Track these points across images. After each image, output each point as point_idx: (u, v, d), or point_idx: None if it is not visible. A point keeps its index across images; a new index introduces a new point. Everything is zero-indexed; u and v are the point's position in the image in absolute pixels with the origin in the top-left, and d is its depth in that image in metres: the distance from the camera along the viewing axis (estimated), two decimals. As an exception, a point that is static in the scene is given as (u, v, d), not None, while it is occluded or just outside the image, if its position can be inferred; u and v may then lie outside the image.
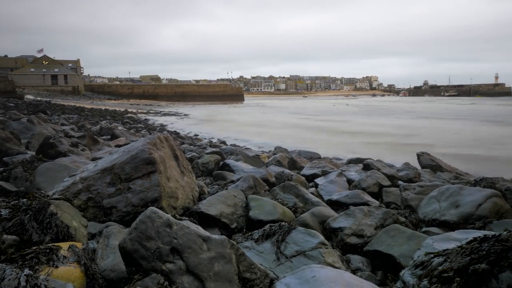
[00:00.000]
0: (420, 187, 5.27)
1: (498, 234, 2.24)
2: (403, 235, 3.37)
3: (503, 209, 4.04)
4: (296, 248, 3.08)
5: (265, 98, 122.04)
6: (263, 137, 19.77)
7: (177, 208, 3.96)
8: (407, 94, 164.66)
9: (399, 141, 18.07)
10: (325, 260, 2.94)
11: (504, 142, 18.03)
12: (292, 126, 27.66)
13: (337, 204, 5.13)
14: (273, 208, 4.10)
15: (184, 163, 4.75)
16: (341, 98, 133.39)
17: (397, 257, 3.19)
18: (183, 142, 14.62)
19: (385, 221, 3.87)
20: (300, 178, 6.50)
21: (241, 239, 3.48)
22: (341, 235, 3.78)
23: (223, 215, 4.01)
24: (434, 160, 9.37)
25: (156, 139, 4.34)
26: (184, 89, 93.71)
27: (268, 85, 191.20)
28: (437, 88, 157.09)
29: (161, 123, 27.37)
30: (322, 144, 16.75)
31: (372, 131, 23.42)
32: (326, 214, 4.23)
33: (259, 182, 5.22)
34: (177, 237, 2.38)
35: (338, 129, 25.08)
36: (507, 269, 1.95)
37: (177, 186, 4.16)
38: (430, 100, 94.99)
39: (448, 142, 17.66)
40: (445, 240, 2.76)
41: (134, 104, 61.85)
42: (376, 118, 35.78)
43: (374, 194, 5.83)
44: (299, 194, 4.96)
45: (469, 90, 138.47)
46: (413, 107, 59.70)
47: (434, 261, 2.35)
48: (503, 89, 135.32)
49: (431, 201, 4.46)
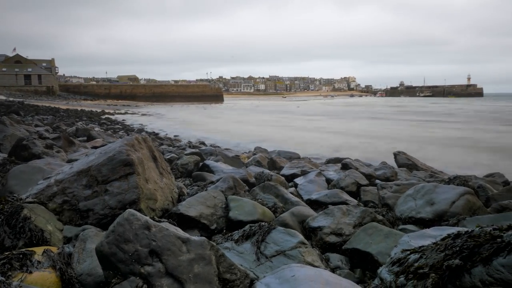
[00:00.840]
0: (396, 185, 5.38)
1: (470, 230, 2.31)
2: (380, 233, 3.44)
3: (476, 206, 4.17)
4: (276, 248, 3.10)
5: (245, 99, 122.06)
6: (243, 138, 19.76)
7: (156, 210, 3.91)
8: (384, 95, 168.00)
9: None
10: (304, 259, 2.96)
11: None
12: (272, 126, 27.76)
13: (316, 204, 5.18)
14: (253, 209, 4.10)
15: (163, 164, 4.70)
16: (320, 98, 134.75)
17: (375, 254, 3.25)
18: (162, 143, 14.45)
19: (363, 219, 3.93)
20: (279, 178, 6.53)
21: (221, 240, 3.46)
22: (320, 234, 3.82)
23: (203, 216, 3.98)
24: (410, 159, 9.59)
25: (134, 140, 4.28)
26: (162, 89, 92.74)
27: (247, 86, 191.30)
28: (413, 89, 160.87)
29: (140, 124, 27.00)
30: (304, 143, 16.88)
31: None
32: (306, 213, 4.27)
33: (238, 183, 5.21)
34: (156, 239, 2.35)
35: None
36: (479, 264, 2.01)
37: (156, 187, 4.12)
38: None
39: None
40: (421, 237, 2.82)
41: (112, 105, 60.78)
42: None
43: (353, 193, 5.92)
44: (278, 194, 4.98)
45: (443, 91, 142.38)
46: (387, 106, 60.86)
47: (410, 257, 2.40)
48: (475, 89, 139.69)
49: (407, 199, 4.57)
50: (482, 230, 2.25)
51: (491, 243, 2.06)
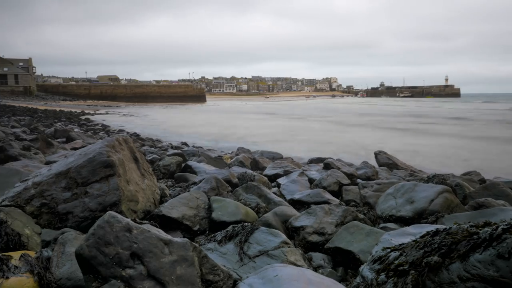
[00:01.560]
0: (377, 184, 5.46)
1: (448, 228, 2.36)
2: (362, 232, 3.48)
3: (453, 204, 4.27)
4: (259, 248, 3.10)
5: (227, 99, 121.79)
6: (226, 138, 19.71)
7: (137, 212, 3.87)
8: (365, 95, 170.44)
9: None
10: (287, 259, 2.98)
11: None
12: (255, 126, 27.79)
13: (299, 203, 5.21)
14: (236, 209, 4.10)
15: (144, 165, 4.65)
16: (302, 98, 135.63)
17: (357, 253, 3.29)
18: (144, 144, 14.28)
19: (345, 218, 3.98)
20: (262, 178, 6.55)
21: (204, 241, 3.45)
22: (303, 234, 3.84)
23: (185, 218, 3.96)
24: (391, 158, 9.76)
25: (115, 141, 4.22)
26: (144, 89, 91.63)
27: (230, 86, 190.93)
28: (393, 89, 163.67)
29: (121, 125, 26.61)
30: (287, 143, 16.96)
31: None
32: (288, 213, 4.29)
33: (221, 183, 5.20)
34: (138, 242, 2.33)
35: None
36: (457, 260, 2.06)
37: (138, 189, 4.07)
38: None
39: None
40: (401, 235, 2.87)
41: (92, 105, 59.76)
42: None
43: (335, 193, 5.97)
44: (261, 194, 4.99)
45: (422, 91, 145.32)
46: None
47: (391, 255, 2.44)
48: (453, 90, 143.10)
49: (388, 198, 4.64)
50: (459, 227, 2.30)
51: (468, 239, 2.12)
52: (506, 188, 5.28)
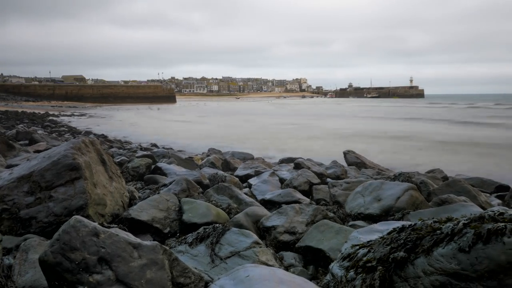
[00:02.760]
0: (346, 183, 5.58)
1: (413, 224, 2.44)
2: (331, 230, 3.55)
3: (418, 201, 4.43)
4: (231, 249, 3.10)
5: (198, 100, 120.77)
6: (197, 139, 19.53)
7: (105, 216, 3.77)
8: (334, 96, 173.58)
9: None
10: (259, 259, 2.99)
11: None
12: (226, 127, 27.71)
13: (270, 203, 5.24)
14: (207, 210, 4.08)
15: (112, 167, 4.54)
16: (273, 99, 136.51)
17: (327, 251, 3.35)
18: (112, 145, 13.94)
19: (315, 217, 4.03)
20: (233, 179, 6.54)
21: (174, 243, 3.41)
22: (274, 233, 3.87)
23: (155, 220, 3.90)
24: (359, 157, 9.98)
25: (81, 143, 4.10)
26: (112, 90, 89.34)
27: (200, 87, 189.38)
28: (361, 90, 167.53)
29: (87, 126, 25.84)
30: (258, 143, 17.00)
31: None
32: (260, 213, 4.31)
33: (192, 185, 5.15)
34: (105, 246, 2.27)
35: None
36: (422, 255, 2.14)
37: (105, 192, 3.97)
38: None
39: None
40: (369, 232, 2.95)
41: (56, 106, 57.76)
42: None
43: (305, 192, 6.05)
44: (233, 195, 4.99)
45: (388, 92, 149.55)
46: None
47: (359, 252, 2.50)
48: (417, 91, 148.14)
49: (357, 196, 4.75)
50: (423, 223, 2.39)
51: (432, 235, 2.20)
52: (466, 184, 5.52)
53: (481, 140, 18.52)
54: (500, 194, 7.03)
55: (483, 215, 2.21)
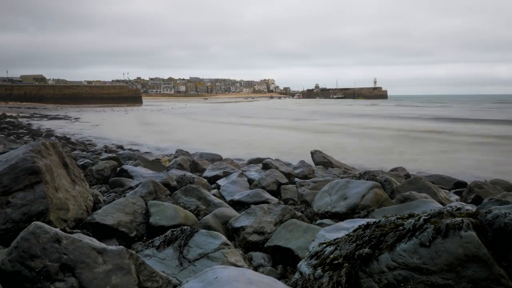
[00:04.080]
0: (313, 182, 5.67)
1: (378, 221, 2.52)
2: (299, 229, 3.59)
3: (382, 198, 4.56)
4: (199, 251, 3.07)
5: (165, 101, 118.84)
6: (164, 140, 19.22)
7: (68, 221, 3.64)
8: (301, 97, 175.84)
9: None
10: (228, 260, 2.98)
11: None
12: (194, 128, 27.45)
13: (239, 204, 5.24)
14: (174, 213, 4.02)
15: (75, 171, 4.39)
16: (241, 100, 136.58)
17: (295, 250, 3.39)
18: (75, 148, 13.49)
19: (284, 217, 4.07)
20: (202, 181, 6.50)
21: (141, 247, 3.34)
22: (243, 234, 3.87)
23: (121, 224, 3.81)
24: (326, 157, 10.17)
25: (41, 145, 3.93)
26: (74, 90, 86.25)
27: (167, 87, 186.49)
28: (327, 91, 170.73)
29: (48, 128, 24.82)
30: (227, 144, 16.95)
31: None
32: (228, 214, 4.30)
33: (159, 187, 5.07)
34: (68, 252, 2.19)
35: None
36: (385, 251, 2.21)
37: (68, 196, 3.83)
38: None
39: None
40: (336, 230, 3.01)
41: (14, 107, 55.13)
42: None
43: (274, 192, 6.10)
44: (201, 196, 4.95)
45: (353, 93, 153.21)
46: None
47: (326, 250, 2.55)
48: (381, 92, 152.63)
49: (323, 195, 4.84)
50: (387, 220, 2.47)
51: (395, 231, 2.28)
52: (427, 182, 5.76)
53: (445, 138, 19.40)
54: (458, 190, 7.38)
55: (442, 211, 2.31)
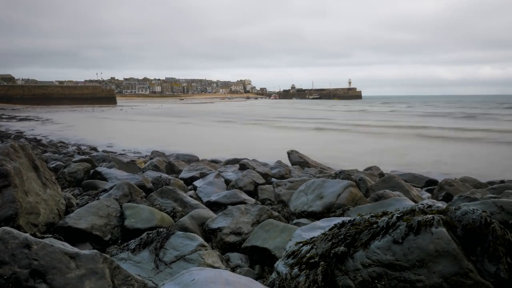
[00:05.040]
0: (290, 182, 5.72)
1: (353, 219, 2.56)
2: (276, 229, 3.61)
3: (357, 197, 4.65)
4: (176, 253, 3.04)
5: (140, 101, 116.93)
6: (139, 142, 18.91)
7: (38, 225, 3.53)
8: (277, 97, 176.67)
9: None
10: (205, 262, 2.97)
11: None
12: (169, 129, 27.13)
13: (216, 205, 5.22)
14: (150, 215, 3.97)
15: (46, 173, 4.26)
16: (217, 100, 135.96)
17: (272, 249, 3.40)
18: (46, 150, 13.09)
19: (261, 217, 4.09)
20: (178, 182, 6.44)
21: (116, 251, 3.28)
22: (220, 235, 3.86)
23: (95, 228, 3.72)
24: (302, 157, 10.26)
25: (10, 148, 3.80)
26: (45, 90, 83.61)
27: (142, 88, 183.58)
28: (303, 92, 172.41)
29: (17, 130, 23.99)
30: (204, 145, 16.83)
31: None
32: (205, 215, 4.27)
33: (134, 189, 4.99)
34: (38, 258, 2.12)
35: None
36: (360, 249, 2.25)
37: (38, 200, 3.71)
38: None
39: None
40: (312, 229, 3.04)
41: (-20, 109, 52.97)
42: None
43: (251, 192, 6.11)
44: (177, 198, 4.90)
45: (329, 94, 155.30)
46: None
47: (303, 249, 2.57)
48: (355, 92, 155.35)
49: (300, 194, 4.88)
50: (362, 218, 2.51)
51: (369, 229, 2.32)
52: (400, 180, 5.91)
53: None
54: (429, 188, 7.60)
55: (414, 208, 2.37)
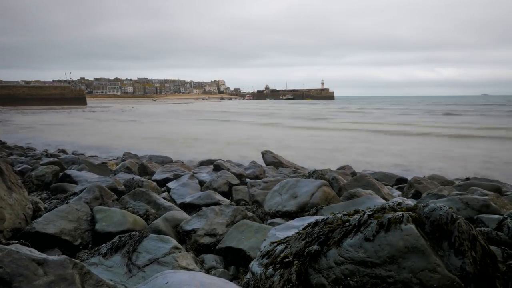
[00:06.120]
0: (264, 182, 5.74)
1: (326, 218, 2.60)
2: (251, 229, 3.62)
3: (330, 196, 4.72)
4: (149, 257, 2.99)
5: (112, 102, 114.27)
6: (111, 143, 18.48)
7: (4, 231, 3.40)
8: (251, 98, 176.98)
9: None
10: (178, 264, 2.94)
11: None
12: (143, 130, 26.67)
13: (190, 207, 5.18)
14: (122, 218, 3.89)
15: (11, 177, 4.09)
16: (191, 101, 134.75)
17: (247, 250, 3.41)
18: (11, 153, 12.57)
19: (235, 217, 4.08)
20: (151, 184, 6.34)
21: (86, 256, 3.19)
22: (195, 237, 3.83)
23: (64, 232, 3.61)
24: (276, 157, 10.33)
25: (-29, 151, 3.63)
26: (10, 91, 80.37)
27: (114, 88, 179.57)
28: (277, 92, 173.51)
29: (-20, 132, 22.94)
30: (177, 146, 16.63)
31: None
32: (179, 217, 4.23)
33: (106, 192, 4.88)
34: (3, 265, 2.04)
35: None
36: (333, 247, 2.29)
37: (3, 205, 3.57)
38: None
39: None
40: (286, 228, 3.06)
41: None
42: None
43: (225, 193, 6.09)
44: (150, 200, 4.83)
45: (302, 94, 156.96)
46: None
47: (277, 249, 2.59)
48: (328, 93, 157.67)
49: (274, 194, 4.91)
50: (334, 217, 2.55)
51: (342, 227, 2.36)
52: (372, 179, 6.04)
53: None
54: (400, 186, 7.81)
55: (384, 206, 2.43)
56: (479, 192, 5.33)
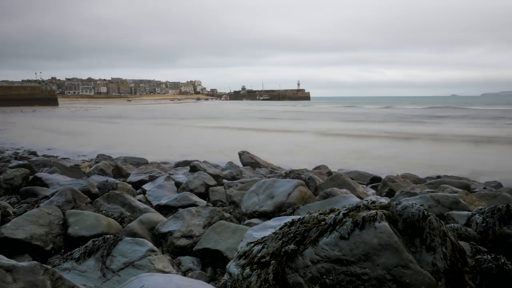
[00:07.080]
0: (241, 183, 5.74)
1: (302, 217, 2.62)
2: (228, 230, 3.61)
3: (307, 196, 4.77)
4: (124, 260, 2.94)
5: (84, 102, 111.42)
6: (83, 145, 18.03)
7: (-30, 238, 3.25)
8: (228, 98, 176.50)
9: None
10: (155, 267, 2.90)
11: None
12: (115, 131, 26.14)
13: (166, 208, 5.12)
14: (96, 221, 3.80)
15: (-23, 181, 3.93)
16: (167, 102, 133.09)
17: (224, 251, 3.40)
18: (-23, 156, 12.07)
19: (212, 219, 4.06)
20: (126, 186, 6.23)
21: (59, 261, 3.10)
22: (171, 239, 3.79)
23: (35, 237, 3.50)
24: (253, 157, 10.34)
25: None
26: (-25, 92, 77.17)
27: (86, 88, 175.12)
28: (253, 93, 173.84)
29: None
30: (153, 147, 16.38)
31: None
32: (155, 219, 4.18)
33: (78, 195, 4.76)
34: (-31, 273, 1.96)
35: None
36: (309, 246, 2.31)
37: (-31, 210, 3.42)
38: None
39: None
40: (263, 228, 3.08)
41: None
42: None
43: (202, 194, 6.05)
44: (125, 202, 4.75)
45: (278, 95, 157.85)
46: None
47: (254, 249, 2.59)
48: (304, 94, 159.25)
49: (251, 195, 4.91)
50: (310, 216, 2.58)
51: (317, 226, 2.39)
52: (347, 178, 6.14)
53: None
54: (374, 184, 7.98)
55: (359, 205, 2.48)
56: (449, 190, 5.51)
